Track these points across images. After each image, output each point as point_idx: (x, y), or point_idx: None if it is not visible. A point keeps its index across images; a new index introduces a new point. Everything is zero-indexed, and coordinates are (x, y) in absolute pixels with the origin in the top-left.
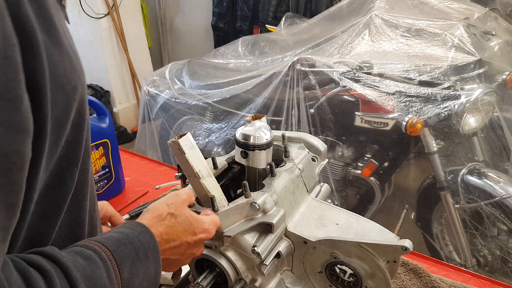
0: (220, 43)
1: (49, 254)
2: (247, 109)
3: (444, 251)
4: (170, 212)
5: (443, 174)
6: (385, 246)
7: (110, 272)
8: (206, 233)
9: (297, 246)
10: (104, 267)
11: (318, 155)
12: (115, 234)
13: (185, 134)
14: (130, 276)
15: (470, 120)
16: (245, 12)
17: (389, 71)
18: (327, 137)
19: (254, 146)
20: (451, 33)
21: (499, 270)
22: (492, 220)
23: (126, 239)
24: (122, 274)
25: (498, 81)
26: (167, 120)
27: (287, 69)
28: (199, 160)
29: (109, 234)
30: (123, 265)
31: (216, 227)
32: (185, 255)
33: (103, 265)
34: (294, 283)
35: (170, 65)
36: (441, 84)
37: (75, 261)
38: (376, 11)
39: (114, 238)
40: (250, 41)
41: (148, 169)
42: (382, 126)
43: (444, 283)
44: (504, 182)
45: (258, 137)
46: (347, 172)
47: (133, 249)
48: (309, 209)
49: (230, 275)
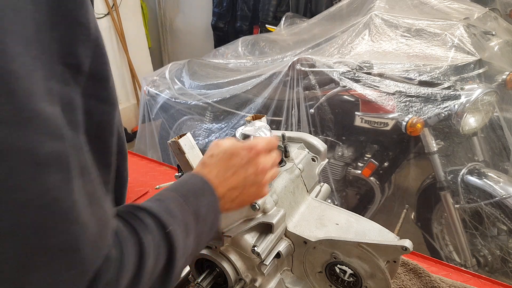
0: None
1: (132, 204)
2: (247, 109)
3: (444, 251)
4: (208, 155)
5: (443, 174)
6: (385, 246)
7: (181, 205)
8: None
9: (297, 246)
10: (175, 203)
11: (318, 155)
12: (173, 183)
13: (185, 134)
14: (196, 208)
15: (470, 120)
16: (245, 12)
17: (389, 71)
18: (327, 137)
19: None
20: (451, 33)
21: (499, 270)
22: (492, 220)
23: (183, 182)
24: (190, 205)
25: (498, 81)
26: (167, 120)
27: (287, 69)
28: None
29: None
30: (188, 199)
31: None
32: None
33: (173, 202)
34: (294, 283)
35: (170, 65)
36: (441, 84)
37: (150, 202)
38: (376, 11)
39: (171, 186)
40: (250, 41)
41: (148, 169)
42: (382, 126)
43: (444, 283)
44: (504, 182)
45: (258, 137)
46: (347, 172)
47: (191, 187)
48: (309, 209)
49: (230, 275)
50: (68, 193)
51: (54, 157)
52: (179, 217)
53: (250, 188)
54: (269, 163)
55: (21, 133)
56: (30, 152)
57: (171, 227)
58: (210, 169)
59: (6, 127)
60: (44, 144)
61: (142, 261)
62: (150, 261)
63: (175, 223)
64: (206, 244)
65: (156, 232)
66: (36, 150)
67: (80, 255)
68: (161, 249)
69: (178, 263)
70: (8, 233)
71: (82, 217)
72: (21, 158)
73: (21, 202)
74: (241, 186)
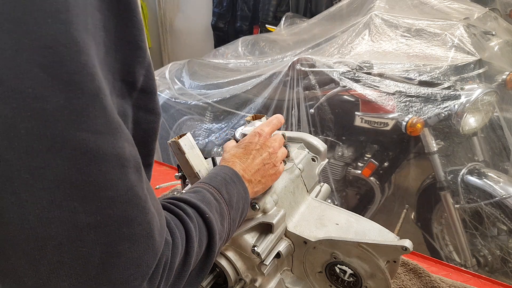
0: (220, 43)
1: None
2: (247, 109)
3: (444, 251)
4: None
5: (443, 174)
6: (385, 246)
7: (214, 195)
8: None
9: (297, 246)
10: (210, 193)
11: (318, 155)
12: (204, 178)
13: (185, 134)
14: (229, 196)
15: (470, 120)
16: (245, 12)
17: (389, 71)
18: (327, 137)
19: None
20: (451, 33)
21: (499, 270)
22: (492, 220)
23: (213, 175)
24: (223, 194)
25: (498, 81)
26: (167, 120)
27: (287, 69)
28: (199, 160)
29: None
30: (221, 189)
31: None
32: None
33: (208, 192)
34: (294, 283)
35: (170, 65)
36: (441, 84)
37: (187, 194)
38: (376, 11)
39: (205, 178)
40: (250, 41)
41: None
42: (382, 126)
43: (444, 283)
44: (504, 182)
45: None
46: (347, 172)
47: (222, 179)
48: (309, 209)
49: (230, 275)
50: (142, 189)
51: (133, 159)
52: (215, 206)
53: (269, 169)
54: (277, 144)
55: (113, 141)
56: (118, 156)
57: (209, 214)
58: (232, 161)
59: (101, 137)
60: (126, 149)
61: (189, 244)
62: (195, 244)
63: (212, 211)
64: (238, 227)
65: (197, 219)
66: (122, 154)
67: (154, 240)
68: (202, 233)
69: (216, 246)
70: (99, 225)
71: (152, 208)
72: (112, 162)
73: (112, 198)
74: (262, 168)
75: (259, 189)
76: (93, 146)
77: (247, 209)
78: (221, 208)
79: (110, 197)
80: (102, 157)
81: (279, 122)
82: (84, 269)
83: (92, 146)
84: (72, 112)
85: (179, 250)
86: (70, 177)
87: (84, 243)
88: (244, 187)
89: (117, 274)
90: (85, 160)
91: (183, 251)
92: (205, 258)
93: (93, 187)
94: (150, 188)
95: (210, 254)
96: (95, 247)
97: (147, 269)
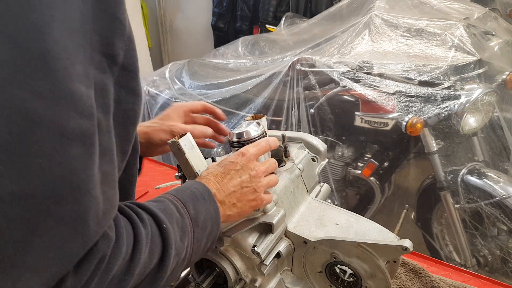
0: (220, 43)
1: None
2: (247, 109)
3: (444, 251)
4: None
5: (443, 174)
6: (385, 246)
7: (179, 208)
8: (241, 155)
9: (297, 246)
10: (173, 205)
11: (318, 155)
12: (172, 189)
13: (185, 134)
14: (195, 213)
15: (470, 120)
16: (245, 12)
17: (389, 71)
18: (327, 137)
19: (247, 141)
20: (451, 33)
21: (499, 270)
22: (492, 220)
23: (182, 188)
24: (189, 210)
25: (498, 81)
26: None
27: (287, 69)
28: (199, 160)
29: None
30: (187, 203)
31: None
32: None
33: (172, 204)
34: (294, 283)
35: (170, 65)
36: (441, 84)
37: (149, 202)
38: (376, 11)
39: (173, 189)
40: (250, 41)
41: (148, 169)
42: (382, 126)
43: (444, 283)
44: (504, 182)
45: (247, 131)
46: (347, 172)
47: (191, 193)
48: (309, 209)
49: (230, 275)
50: (86, 167)
51: (80, 132)
52: (176, 218)
53: (247, 193)
54: (262, 168)
55: (53, 107)
56: (58, 125)
57: (166, 225)
58: (207, 178)
59: (41, 100)
60: (72, 120)
61: (136, 251)
62: (143, 252)
63: (171, 223)
64: (204, 252)
65: (151, 227)
66: (64, 123)
67: (86, 226)
68: (155, 244)
69: (170, 261)
70: (24, 195)
71: (94, 191)
72: (49, 129)
73: (41, 168)
74: (239, 191)
75: (233, 213)
76: (30, 107)
77: (216, 232)
78: (184, 223)
79: (41, 167)
80: (38, 121)
81: (268, 145)
82: (0, 246)
83: (29, 107)
84: (14, 68)
85: (121, 252)
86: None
87: (4, 214)
88: (215, 207)
89: (36, 256)
90: (19, 121)
91: (127, 256)
92: (156, 273)
93: (22, 152)
94: (111, 175)
95: (163, 269)
96: (16, 221)
97: (70, 257)
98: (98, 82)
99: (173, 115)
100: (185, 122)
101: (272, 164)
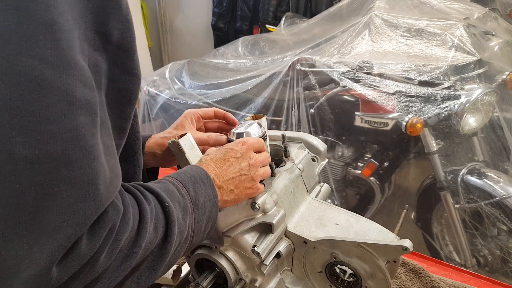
0: (220, 43)
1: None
2: (247, 109)
3: (444, 251)
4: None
5: (443, 174)
6: (385, 246)
7: (179, 189)
8: (242, 143)
9: (297, 246)
10: (174, 186)
11: (318, 155)
12: (172, 173)
13: (185, 134)
14: (195, 194)
15: (470, 120)
16: (245, 12)
17: (389, 71)
18: (327, 137)
19: None
20: (451, 33)
21: (499, 270)
22: (492, 220)
23: (182, 172)
24: (189, 191)
25: (498, 81)
26: (167, 120)
27: (287, 69)
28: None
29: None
30: (188, 185)
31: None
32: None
33: (173, 185)
34: (294, 283)
35: (170, 65)
36: (441, 84)
37: (152, 184)
38: (376, 11)
39: (173, 173)
40: (250, 41)
41: None
42: (382, 126)
43: (444, 283)
44: (504, 182)
45: (247, 132)
46: (347, 172)
47: (190, 176)
48: (309, 209)
49: (230, 275)
50: (93, 134)
51: (85, 101)
52: (177, 198)
53: (245, 181)
54: (260, 158)
55: (62, 75)
56: (66, 92)
57: (169, 203)
58: (207, 163)
59: (49, 68)
60: (78, 88)
61: (142, 225)
62: (148, 227)
63: (173, 202)
64: (204, 236)
65: (155, 205)
66: (71, 91)
67: (96, 189)
68: (159, 220)
69: (174, 237)
70: (36, 160)
71: (101, 158)
72: (58, 96)
73: (53, 133)
74: (237, 177)
75: (229, 199)
76: (39, 74)
77: (215, 215)
78: (185, 203)
79: (51, 132)
80: (47, 88)
81: (262, 144)
82: (15, 210)
83: (38, 74)
84: (22, 37)
85: (129, 225)
86: (11, 103)
87: (18, 178)
88: (214, 191)
89: (50, 219)
90: (29, 88)
91: (134, 229)
92: (160, 250)
93: (34, 117)
94: (111, 147)
95: (166, 246)
96: (30, 186)
97: (84, 219)
98: (91, 58)
99: (186, 124)
100: (197, 128)
101: (267, 157)
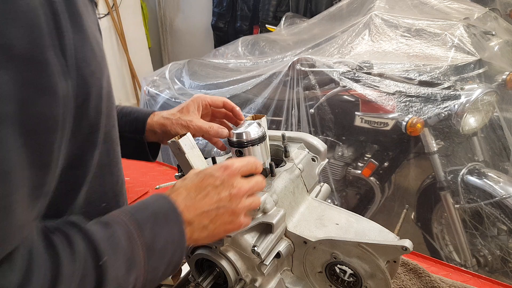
0: (220, 43)
1: (71, 220)
2: (247, 109)
3: (444, 251)
4: (182, 179)
5: (443, 174)
6: (385, 246)
7: (130, 235)
8: (224, 169)
9: (297, 246)
10: (125, 231)
11: (318, 155)
12: (135, 204)
13: (185, 134)
14: (152, 237)
15: (470, 120)
16: (245, 12)
17: (389, 71)
18: (327, 137)
19: (247, 142)
20: (451, 33)
21: (499, 270)
22: (492, 220)
23: (144, 206)
24: (144, 234)
25: (498, 81)
26: None
27: (287, 69)
28: (199, 160)
29: (129, 206)
30: (144, 226)
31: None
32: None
33: (124, 230)
34: (294, 283)
35: (170, 65)
36: (441, 84)
37: (94, 225)
38: (376, 11)
39: (132, 206)
40: (250, 41)
41: (148, 169)
42: (382, 126)
43: (444, 283)
44: (504, 182)
45: (247, 132)
46: (347, 172)
47: (152, 213)
48: (309, 209)
49: (230, 275)
50: None
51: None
52: (124, 249)
53: (224, 215)
54: (246, 186)
55: None
56: None
57: (107, 258)
58: (178, 192)
59: None
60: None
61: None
62: None
63: (115, 255)
64: (165, 277)
65: (85, 262)
66: None
67: None
68: (88, 279)
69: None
70: None
71: None
72: None
73: None
74: (213, 211)
75: (201, 236)
76: None
77: (178, 257)
78: (134, 253)
79: None
80: None
81: (255, 166)
82: None
83: None
84: None
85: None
86: None
87: None
88: (180, 229)
89: None
90: None
91: None
92: None
93: None
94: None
95: None
96: None
97: None
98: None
99: (192, 108)
100: (203, 115)
101: (259, 183)
